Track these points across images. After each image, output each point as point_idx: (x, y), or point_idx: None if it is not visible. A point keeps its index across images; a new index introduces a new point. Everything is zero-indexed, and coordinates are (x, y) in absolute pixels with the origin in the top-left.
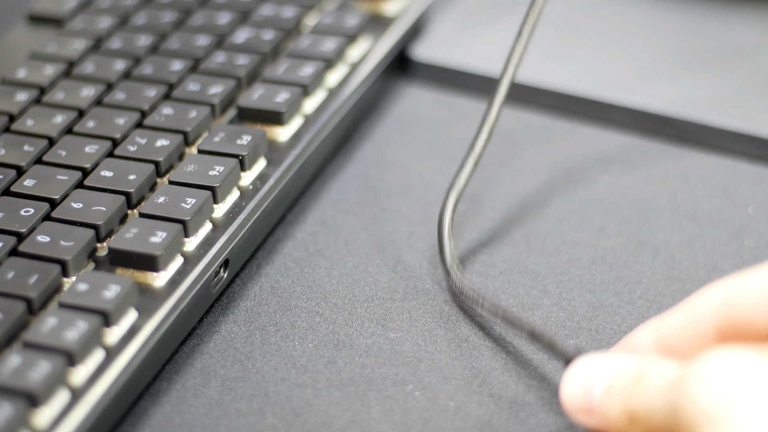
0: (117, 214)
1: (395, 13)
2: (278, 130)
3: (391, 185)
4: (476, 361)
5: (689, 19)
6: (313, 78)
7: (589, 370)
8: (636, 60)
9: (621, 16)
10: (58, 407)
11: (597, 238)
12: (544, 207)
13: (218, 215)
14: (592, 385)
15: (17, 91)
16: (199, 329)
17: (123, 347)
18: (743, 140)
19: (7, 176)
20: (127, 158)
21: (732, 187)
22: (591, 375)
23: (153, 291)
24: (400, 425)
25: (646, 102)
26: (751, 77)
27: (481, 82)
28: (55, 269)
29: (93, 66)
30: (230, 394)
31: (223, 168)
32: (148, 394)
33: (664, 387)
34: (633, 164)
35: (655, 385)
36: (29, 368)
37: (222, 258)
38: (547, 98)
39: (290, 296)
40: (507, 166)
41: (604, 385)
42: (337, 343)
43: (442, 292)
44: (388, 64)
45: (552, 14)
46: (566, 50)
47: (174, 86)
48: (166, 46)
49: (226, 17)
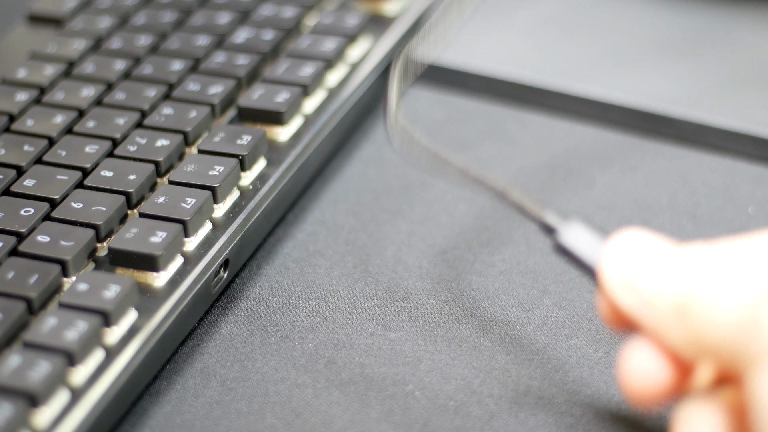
0: (117, 214)
1: (395, 13)
2: (278, 130)
3: (391, 185)
4: (476, 361)
5: (689, 19)
6: (313, 78)
7: (640, 242)
8: (636, 60)
9: (621, 16)
10: (58, 407)
11: None
12: (544, 207)
13: (218, 215)
14: (641, 259)
15: (17, 91)
16: (199, 329)
17: (123, 347)
18: (743, 140)
19: (7, 176)
20: (127, 158)
21: (732, 187)
22: (642, 248)
23: (153, 291)
24: (400, 425)
25: (646, 102)
26: (751, 77)
27: (481, 82)
28: (55, 269)
29: (93, 66)
30: (230, 394)
31: (223, 168)
32: (148, 394)
33: (734, 311)
34: (633, 164)
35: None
36: (29, 368)
37: (222, 258)
38: (547, 98)
39: (290, 296)
40: (507, 166)
41: (657, 263)
42: (337, 343)
43: (442, 292)
44: (388, 64)
45: (552, 14)
46: (566, 50)
47: (174, 86)
48: (166, 46)
49: (226, 17)
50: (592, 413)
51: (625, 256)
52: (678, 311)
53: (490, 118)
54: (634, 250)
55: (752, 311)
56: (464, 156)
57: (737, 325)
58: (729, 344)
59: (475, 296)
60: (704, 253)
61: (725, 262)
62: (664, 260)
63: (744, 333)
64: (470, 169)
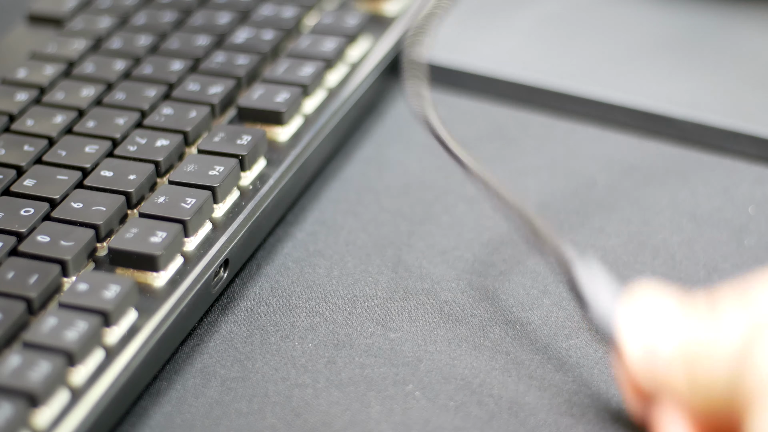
0: (117, 214)
1: (395, 13)
2: (278, 130)
3: (391, 185)
4: (476, 361)
5: (690, 19)
6: (313, 78)
7: (653, 324)
8: (636, 60)
9: (621, 16)
10: (58, 407)
11: (597, 238)
12: (544, 207)
13: (218, 215)
14: (657, 345)
15: (17, 91)
16: (199, 329)
17: (123, 347)
18: (743, 140)
19: (7, 176)
20: (127, 158)
21: (732, 187)
22: (657, 333)
23: (153, 291)
24: (400, 425)
25: (646, 102)
26: (751, 77)
27: (481, 82)
28: (55, 269)
29: (93, 66)
30: (230, 394)
31: (223, 168)
32: (148, 394)
33: (729, 355)
34: (633, 164)
35: (721, 352)
36: (29, 368)
37: (222, 258)
38: (547, 98)
39: (290, 296)
40: (507, 166)
41: (671, 348)
42: (337, 343)
43: (442, 292)
44: (388, 64)
45: (552, 14)
46: (566, 50)
47: (174, 86)
48: (166, 46)
49: (226, 17)
50: (592, 413)
51: (644, 342)
52: (691, 387)
53: (490, 118)
54: (652, 335)
55: (743, 351)
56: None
57: (730, 367)
58: (725, 387)
59: (475, 296)
60: (707, 309)
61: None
62: (682, 345)
63: (738, 373)
64: (493, 184)
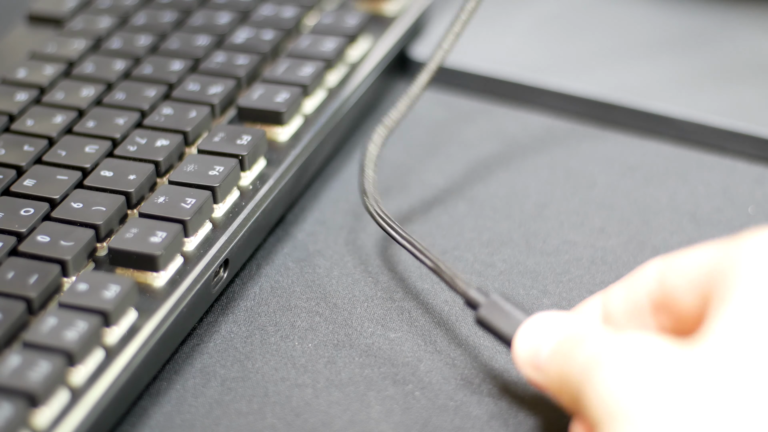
0: (117, 214)
1: (395, 13)
2: (278, 130)
3: (391, 185)
4: (476, 361)
5: (689, 18)
6: (313, 78)
7: (543, 326)
8: (636, 60)
9: (620, 16)
10: (58, 407)
11: (597, 238)
12: (544, 207)
13: (218, 215)
14: (542, 342)
15: (17, 91)
16: (199, 329)
17: (123, 347)
18: (742, 140)
19: (7, 176)
20: (127, 158)
21: (732, 187)
22: (544, 331)
23: (153, 291)
24: (400, 425)
25: (646, 102)
26: (751, 77)
27: (481, 82)
28: (55, 269)
29: (93, 66)
30: (230, 394)
31: (223, 168)
32: (148, 394)
33: (582, 362)
34: (633, 164)
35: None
36: (29, 368)
37: (222, 258)
38: (547, 98)
39: (290, 296)
40: (507, 166)
41: (553, 344)
42: (337, 343)
43: (442, 292)
44: (388, 64)
45: (552, 14)
46: (566, 50)
47: (174, 86)
48: (166, 46)
49: (226, 17)
50: None
51: (532, 339)
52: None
53: (490, 118)
54: (540, 333)
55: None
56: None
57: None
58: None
59: None
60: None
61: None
62: (562, 342)
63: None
64: (412, 242)
